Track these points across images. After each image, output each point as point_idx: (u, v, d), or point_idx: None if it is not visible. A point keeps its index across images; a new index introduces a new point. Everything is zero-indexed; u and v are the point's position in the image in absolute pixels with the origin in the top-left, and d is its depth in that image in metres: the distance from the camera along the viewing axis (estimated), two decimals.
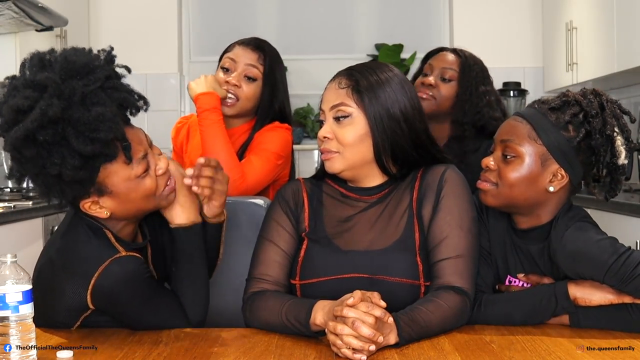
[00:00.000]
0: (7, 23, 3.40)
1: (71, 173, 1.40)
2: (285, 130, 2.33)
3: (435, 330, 1.47)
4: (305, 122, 4.86)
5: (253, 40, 2.38)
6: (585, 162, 1.57)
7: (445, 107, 2.41)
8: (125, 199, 1.50)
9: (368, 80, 1.61)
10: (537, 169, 1.56)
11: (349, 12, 4.96)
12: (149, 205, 1.55)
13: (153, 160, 1.53)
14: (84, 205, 1.49)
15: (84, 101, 1.40)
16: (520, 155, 1.56)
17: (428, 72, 2.45)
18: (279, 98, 2.36)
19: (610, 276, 1.46)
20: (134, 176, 1.48)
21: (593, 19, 3.84)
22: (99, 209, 1.50)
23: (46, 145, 1.39)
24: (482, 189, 1.62)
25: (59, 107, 1.37)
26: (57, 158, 1.39)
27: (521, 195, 1.57)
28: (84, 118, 1.38)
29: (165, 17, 4.71)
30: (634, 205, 2.71)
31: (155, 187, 1.52)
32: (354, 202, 1.67)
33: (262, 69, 2.33)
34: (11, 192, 3.70)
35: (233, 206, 2.02)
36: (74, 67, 1.42)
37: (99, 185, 1.47)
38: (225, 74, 2.32)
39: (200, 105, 2.22)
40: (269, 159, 2.23)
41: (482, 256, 1.65)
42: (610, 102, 1.58)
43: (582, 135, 1.54)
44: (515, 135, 1.58)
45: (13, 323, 1.28)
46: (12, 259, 1.30)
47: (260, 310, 1.57)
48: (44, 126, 1.37)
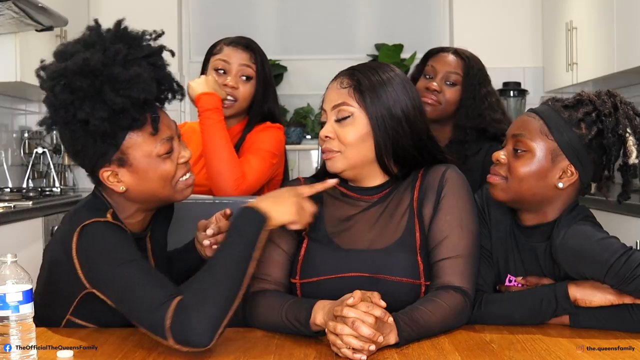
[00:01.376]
0: (7, 23, 3.40)
1: (98, 124, 1.43)
2: (277, 129, 2.35)
3: (435, 330, 1.47)
4: (305, 122, 4.86)
5: (241, 40, 2.39)
6: (597, 161, 1.58)
7: (449, 112, 2.40)
8: (143, 177, 1.51)
9: (370, 80, 1.61)
10: (547, 165, 1.56)
11: (349, 12, 4.96)
12: (164, 192, 1.55)
13: (177, 148, 1.56)
14: (102, 174, 1.51)
15: (125, 63, 1.46)
16: (531, 149, 1.56)
17: (431, 75, 2.42)
18: (270, 96, 2.37)
19: (611, 276, 1.46)
20: (155, 154, 1.51)
21: (593, 19, 3.84)
22: (116, 182, 1.52)
23: (81, 94, 1.43)
24: (492, 183, 1.62)
25: (101, 60, 1.43)
26: (88, 107, 1.43)
27: (530, 190, 1.57)
28: (121, 75, 1.44)
29: (165, 17, 4.71)
30: (634, 205, 2.71)
31: (174, 174, 1.54)
32: (355, 202, 1.67)
33: (255, 67, 2.34)
34: (11, 192, 3.70)
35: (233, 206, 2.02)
36: (124, 34, 1.51)
37: (121, 153, 1.49)
38: (220, 76, 2.33)
39: (202, 105, 2.22)
40: (264, 158, 2.25)
41: (483, 256, 1.65)
42: (624, 104, 1.59)
43: (594, 134, 1.55)
44: (527, 130, 1.58)
45: (13, 323, 1.28)
46: (12, 259, 1.31)
47: (260, 310, 1.57)
48: (83, 74, 1.43)
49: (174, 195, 1.57)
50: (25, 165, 4.27)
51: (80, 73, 1.43)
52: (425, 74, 2.44)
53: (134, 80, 1.44)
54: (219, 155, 2.16)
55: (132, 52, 1.48)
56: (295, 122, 4.85)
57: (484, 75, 2.43)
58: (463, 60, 2.42)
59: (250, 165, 2.21)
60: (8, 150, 4.20)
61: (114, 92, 1.43)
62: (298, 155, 4.85)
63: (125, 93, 1.43)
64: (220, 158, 2.16)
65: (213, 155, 2.17)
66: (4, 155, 4.11)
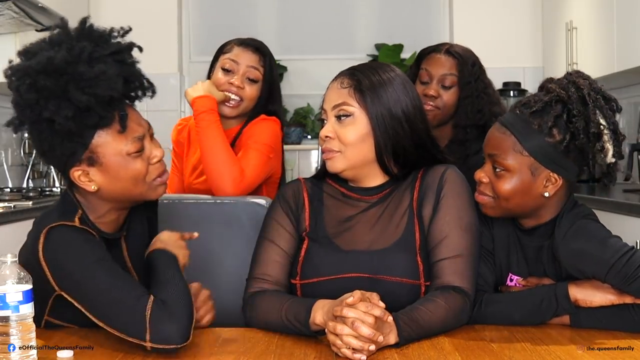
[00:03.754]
0: (7, 23, 3.40)
1: (63, 122, 1.42)
2: (273, 122, 2.33)
3: (435, 330, 1.47)
4: (305, 122, 4.86)
5: (252, 42, 2.39)
6: (578, 158, 1.55)
7: (449, 114, 2.39)
8: (114, 176, 1.50)
9: (370, 80, 1.61)
10: (528, 179, 1.55)
11: (349, 12, 4.96)
12: (137, 190, 1.54)
13: (149, 147, 1.54)
14: (73, 173, 1.50)
15: (90, 60, 1.45)
16: (508, 168, 1.55)
17: (426, 80, 2.40)
18: (276, 100, 2.37)
19: (613, 275, 1.45)
20: (125, 152, 1.49)
21: (593, 19, 3.84)
22: (87, 182, 1.50)
23: (45, 93, 1.42)
24: (480, 202, 1.62)
25: (65, 59, 1.43)
26: (53, 106, 1.42)
27: (518, 205, 1.57)
28: (86, 74, 1.43)
29: (165, 17, 4.71)
30: (634, 205, 2.71)
31: (146, 173, 1.53)
32: (355, 202, 1.67)
33: (263, 70, 2.34)
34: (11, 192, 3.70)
35: (234, 206, 2.02)
36: (90, 32, 1.50)
37: (90, 152, 1.48)
38: (227, 75, 2.33)
39: (197, 108, 2.23)
40: (261, 152, 2.23)
41: (483, 256, 1.65)
42: (593, 91, 1.54)
43: (568, 138, 1.52)
44: (501, 149, 1.56)
45: (13, 323, 1.28)
46: (12, 259, 1.31)
47: (260, 310, 1.57)
48: (47, 73, 1.42)
49: (147, 193, 1.56)
50: (25, 165, 4.27)
51: (44, 72, 1.42)
52: (421, 79, 2.42)
53: (98, 77, 1.43)
54: (216, 156, 2.15)
55: (97, 50, 1.46)
56: (295, 122, 4.85)
57: (479, 69, 2.41)
58: (456, 59, 2.39)
59: (247, 161, 2.19)
60: (8, 150, 4.19)
61: (79, 90, 1.42)
62: (298, 155, 4.85)
63: (90, 91, 1.42)
64: (218, 158, 2.15)
65: (210, 157, 2.16)
66: (4, 155, 4.11)
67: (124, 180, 1.51)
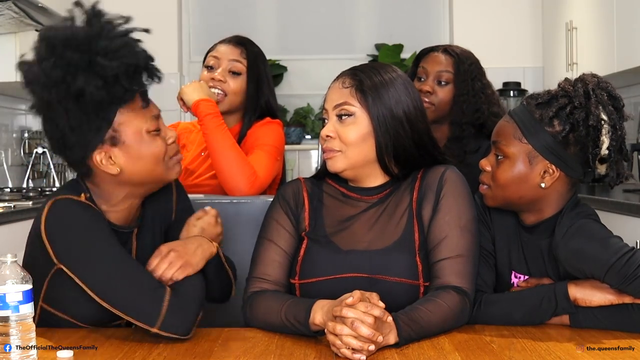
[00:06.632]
0: (7, 23, 3.40)
1: (94, 92, 1.45)
2: (277, 125, 2.36)
3: (435, 330, 1.47)
4: (305, 122, 4.86)
5: (234, 37, 2.42)
6: (579, 153, 1.55)
7: (444, 111, 2.40)
8: (136, 155, 1.53)
9: (372, 80, 1.61)
10: (525, 168, 1.56)
11: (349, 12, 4.96)
12: (157, 170, 1.56)
13: (164, 128, 1.59)
14: (95, 157, 1.51)
15: (109, 36, 1.50)
16: (508, 155, 1.57)
17: (423, 77, 2.42)
18: (264, 92, 2.38)
19: (612, 275, 1.45)
20: (145, 130, 1.53)
21: (593, 19, 3.84)
22: (110, 165, 1.52)
23: (72, 68, 1.45)
24: (481, 191, 1.64)
25: (87, 34, 1.48)
26: (82, 78, 1.45)
27: (515, 195, 1.58)
28: (110, 46, 1.47)
29: (165, 17, 4.71)
30: (634, 205, 2.71)
31: (165, 152, 1.57)
32: (355, 202, 1.67)
33: (246, 62, 2.36)
34: (11, 192, 3.70)
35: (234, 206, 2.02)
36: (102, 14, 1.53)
37: (113, 131, 1.50)
38: (210, 71, 2.35)
39: (203, 111, 2.22)
40: (271, 153, 2.26)
41: (483, 256, 1.65)
42: (599, 89, 1.55)
43: (567, 129, 1.53)
44: (503, 136, 1.59)
45: (13, 323, 1.28)
46: (12, 259, 1.31)
47: (260, 310, 1.57)
48: (73, 48, 1.45)
49: (167, 173, 1.59)
50: (25, 165, 4.27)
51: (70, 46, 1.46)
52: (418, 76, 2.44)
53: (123, 47, 1.49)
54: (227, 157, 2.16)
55: (112, 30, 1.51)
56: (295, 122, 4.85)
57: (478, 69, 2.42)
58: (453, 57, 2.41)
59: (258, 162, 2.21)
60: (8, 150, 4.19)
61: (106, 59, 1.46)
62: (298, 155, 4.85)
63: (117, 59, 1.46)
64: (229, 160, 2.16)
65: (221, 158, 2.16)
66: (4, 155, 4.11)
67: (145, 159, 1.54)
